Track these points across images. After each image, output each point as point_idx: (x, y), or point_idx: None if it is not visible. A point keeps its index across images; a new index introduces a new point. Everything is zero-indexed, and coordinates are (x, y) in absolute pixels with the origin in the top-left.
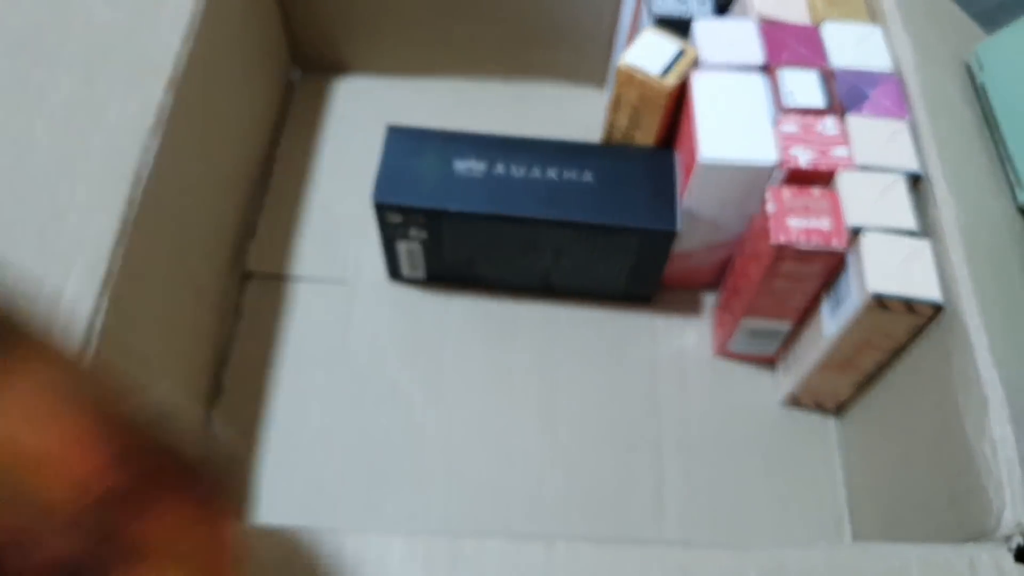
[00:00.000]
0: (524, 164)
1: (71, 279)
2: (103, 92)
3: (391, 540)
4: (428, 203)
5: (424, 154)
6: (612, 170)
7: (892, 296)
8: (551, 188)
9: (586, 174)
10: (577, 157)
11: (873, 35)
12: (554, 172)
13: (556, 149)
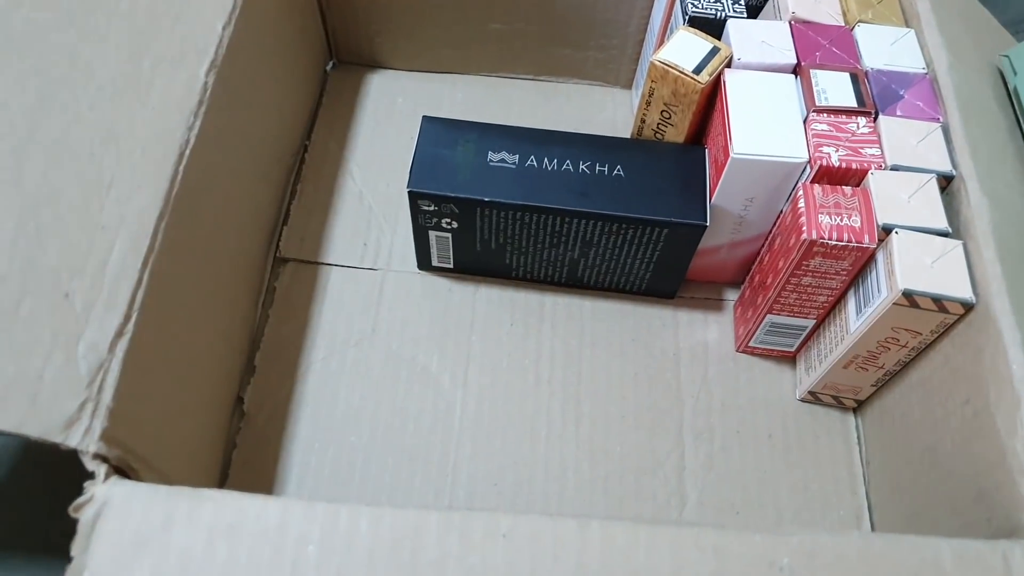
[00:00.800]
0: (556, 157)
1: (115, 252)
2: (148, 70)
3: (428, 515)
4: (461, 192)
5: (458, 145)
6: (643, 164)
7: (923, 293)
8: (583, 181)
9: (617, 168)
10: (609, 151)
11: (907, 37)
12: (586, 166)
13: (588, 143)
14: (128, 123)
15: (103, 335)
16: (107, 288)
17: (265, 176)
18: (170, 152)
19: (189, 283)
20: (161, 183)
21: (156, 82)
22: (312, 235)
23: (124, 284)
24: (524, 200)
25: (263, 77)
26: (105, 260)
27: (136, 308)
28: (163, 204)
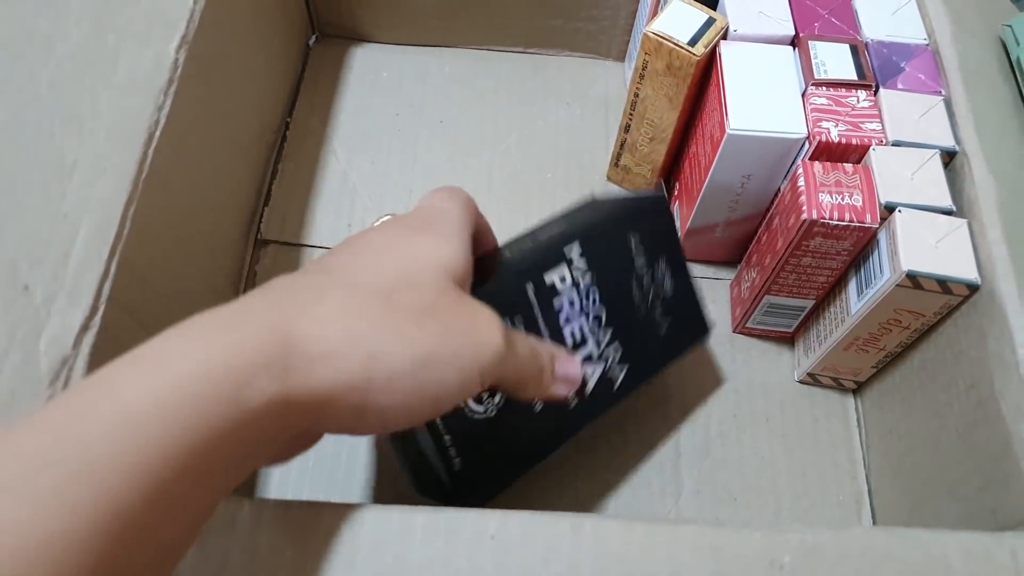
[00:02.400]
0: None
1: (78, 241)
2: (113, 46)
3: (414, 515)
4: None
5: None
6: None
7: (926, 275)
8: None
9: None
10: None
11: (908, 6)
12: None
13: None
14: (91, 103)
15: (66, 330)
16: (70, 279)
17: (244, 155)
18: (138, 134)
19: (162, 270)
20: (128, 167)
21: (122, 58)
22: (294, 216)
23: (89, 275)
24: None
25: (239, 52)
26: (68, 250)
27: (103, 300)
28: (131, 189)
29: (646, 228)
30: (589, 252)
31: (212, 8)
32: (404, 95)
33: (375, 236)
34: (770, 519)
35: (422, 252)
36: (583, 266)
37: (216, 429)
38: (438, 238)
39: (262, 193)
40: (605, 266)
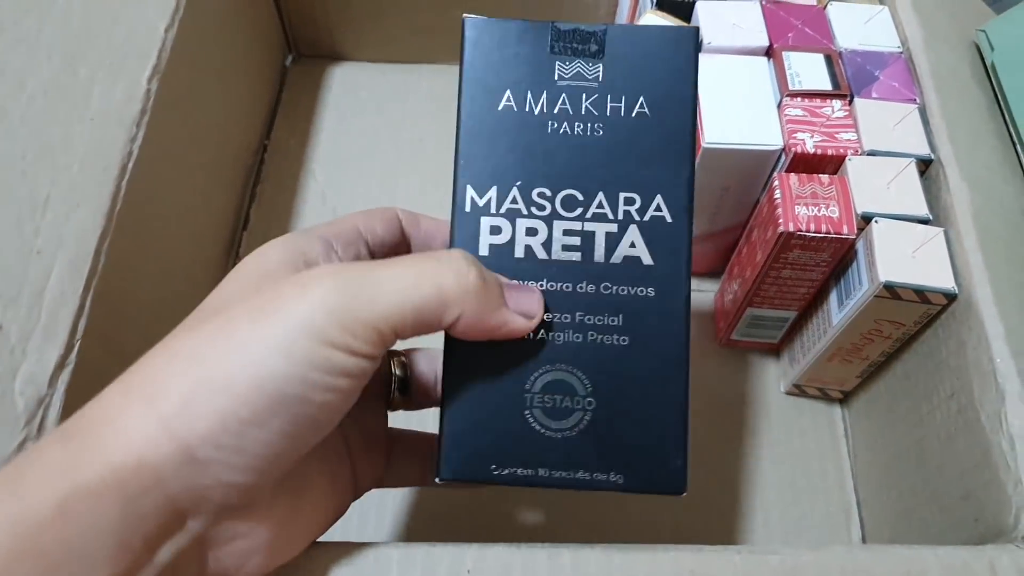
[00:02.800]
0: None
1: (52, 278)
2: (85, 79)
3: (389, 551)
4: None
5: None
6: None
7: (904, 285)
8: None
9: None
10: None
11: (880, 15)
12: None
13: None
14: (64, 136)
15: (42, 368)
16: (45, 317)
17: (221, 180)
18: (111, 166)
19: (139, 302)
20: (102, 200)
21: (94, 91)
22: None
23: (64, 311)
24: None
25: (215, 77)
26: (42, 287)
27: (79, 336)
28: (105, 223)
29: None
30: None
31: (185, 35)
32: (383, 114)
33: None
34: (759, 532)
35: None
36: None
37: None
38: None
39: (240, 217)
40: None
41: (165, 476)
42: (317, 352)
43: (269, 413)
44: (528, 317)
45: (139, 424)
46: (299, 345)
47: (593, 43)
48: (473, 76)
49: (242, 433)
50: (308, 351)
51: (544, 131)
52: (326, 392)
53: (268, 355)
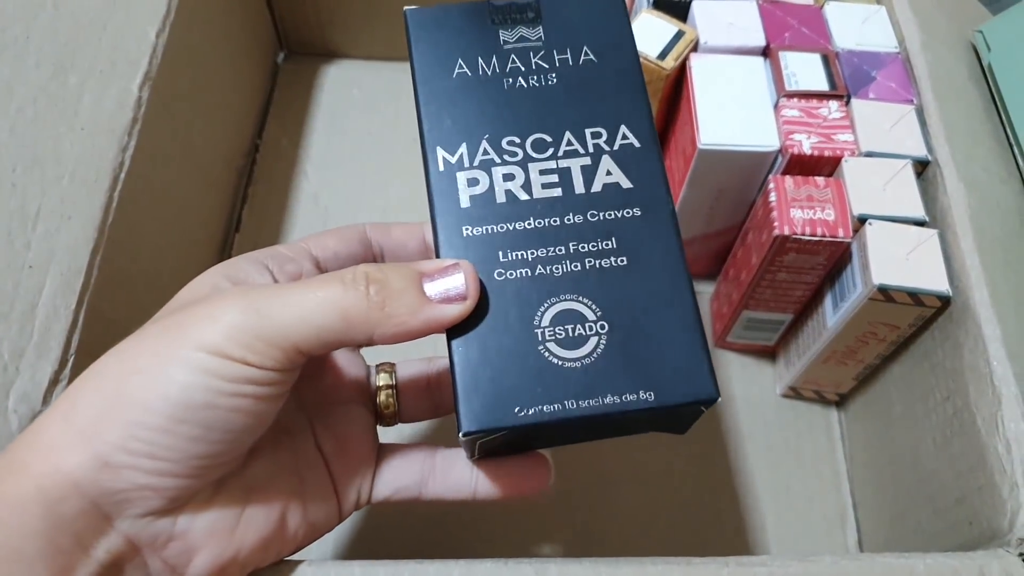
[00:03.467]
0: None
1: (45, 293)
2: (75, 87)
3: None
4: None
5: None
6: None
7: (898, 288)
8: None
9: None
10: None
11: (878, 15)
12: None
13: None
14: (54, 147)
15: (35, 385)
16: (38, 333)
17: (213, 183)
18: (103, 177)
19: (132, 312)
20: (94, 212)
21: (84, 99)
22: (265, 241)
23: (57, 327)
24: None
25: (206, 80)
26: (34, 302)
27: (72, 352)
28: (97, 236)
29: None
30: None
31: (176, 39)
32: (377, 112)
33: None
34: (755, 535)
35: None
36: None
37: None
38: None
39: (232, 219)
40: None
41: (81, 482)
42: (217, 364)
43: (175, 420)
44: (459, 300)
45: (57, 437)
46: (200, 358)
47: (529, 11)
48: (423, 54)
49: (151, 439)
50: (209, 363)
51: (501, 88)
52: (233, 398)
53: (172, 368)
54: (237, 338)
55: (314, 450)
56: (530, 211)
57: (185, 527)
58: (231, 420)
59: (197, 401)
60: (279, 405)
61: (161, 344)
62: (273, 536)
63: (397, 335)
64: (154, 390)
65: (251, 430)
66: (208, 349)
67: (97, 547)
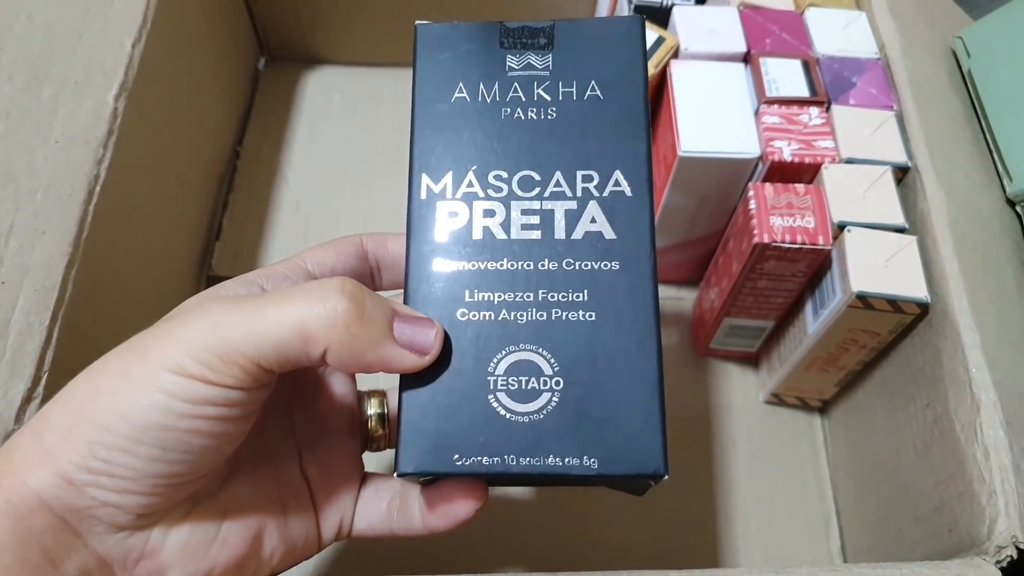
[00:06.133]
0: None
1: (18, 309)
2: (49, 99)
3: None
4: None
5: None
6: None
7: (876, 295)
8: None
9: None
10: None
11: (858, 21)
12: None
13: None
14: (27, 161)
15: (7, 403)
16: (10, 350)
17: (192, 192)
18: (77, 191)
19: (109, 326)
20: (68, 227)
21: (59, 112)
22: (246, 250)
23: (30, 343)
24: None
25: (185, 89)
26: (7, 319)
27: (46, 369)
28: (72, 250)
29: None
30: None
31: (153, 49)
32: (358, 118)
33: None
34: (738, 542)
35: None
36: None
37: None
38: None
39: (213, 228)
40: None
41: (48, 498)
42: (176, 383)
43: (133, 440)
44: (420, 353)
45: (26, 453)
46: (160, 378)
47: (542, 37)
48: (426, 74)
49: (110, 459)
50: (168, 384)
51: (498, 117)
52: (191, 420)
53: (131, 388)
54: (196, 356)
55: (298, 476)
56: (505, 252)
57: (157, 545)
58: (189, 442)
59: (155, 422)
60: (246, 425)
61: (125, 363)
62: (248, 558)
63: (349, 362)
64: (114, 411)
65: (214, 451)
66: (169, 368)
67: (67, 564)
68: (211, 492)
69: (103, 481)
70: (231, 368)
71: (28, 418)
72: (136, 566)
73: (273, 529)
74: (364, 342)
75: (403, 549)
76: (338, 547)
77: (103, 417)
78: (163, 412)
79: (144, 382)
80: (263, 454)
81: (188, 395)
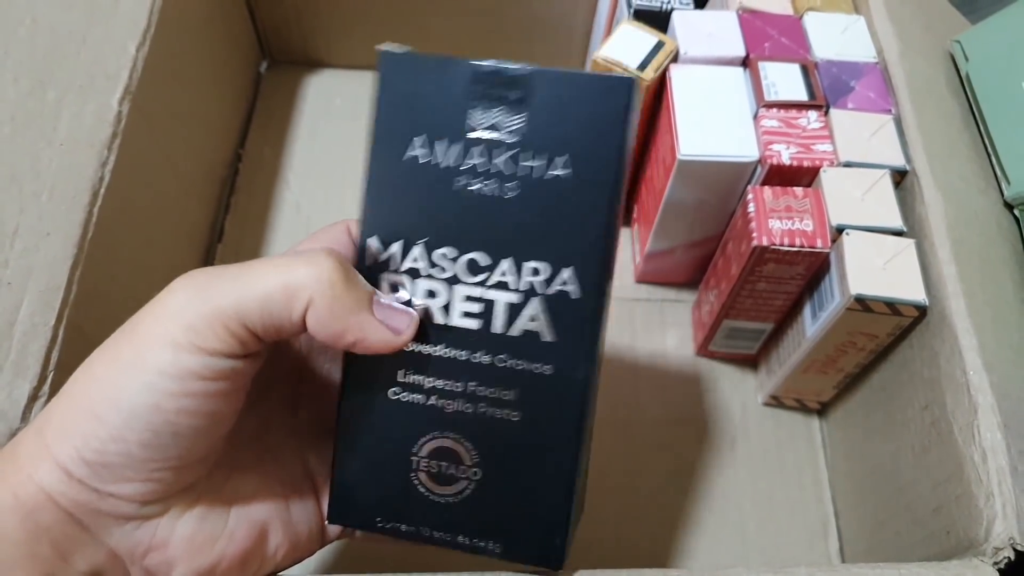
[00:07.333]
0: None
1: (23, 310)
2: (54, 102)
3: None
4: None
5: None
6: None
7: (875, 298)
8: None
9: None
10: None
11: (856, 25)
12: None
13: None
14: (32, 163)
15: (14, 403)
16: (16, 350)
17: (195, 194)
18: (81, 193)
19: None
20: (72, 228)
21: (63, 115)
22: (248, 251)
23: (36, 344)
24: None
25: (188, 92)
26: (12, 319)
27: (51, 369)
28: (76, 252)
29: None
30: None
31: (156, 52)
32: (359, 120)
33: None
34: (737, 544)
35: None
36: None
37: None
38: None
39: (215, 229)
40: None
41: (53, 493)
42: (163, 359)
43: (124, 428)
44: (395, 332)
45: (30, 448)
46: (147, 355)
47: (515, 89)
48: (384, 118)
49: (102, 449)
50: (155, 359)
51: (451, 187)
52: (180, 398)
53: (120, 372)
54: (183, 321)
55: (302, 473)
56: (441, 338)
57: (164, 537)
58: (178, 423)
59: (143, 404)
60: (235, 403)
61: (116, 347)
62: (252, 552)
63: (328, 324)
64: (105, 398)
65: (204, 432)
66: (156, 342)
67: (77, 557)
68: (216, 485)
69: (101, 473)
70: (217, 329)
71: (33, 417)
72: (145, 558)
73: (277, 525)
74: (344, 306)
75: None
76: (339, 545)
77: (96, 405)
78: (149, 391)
79: (132, 363)
80: (267, 451)
81: (175, 370)
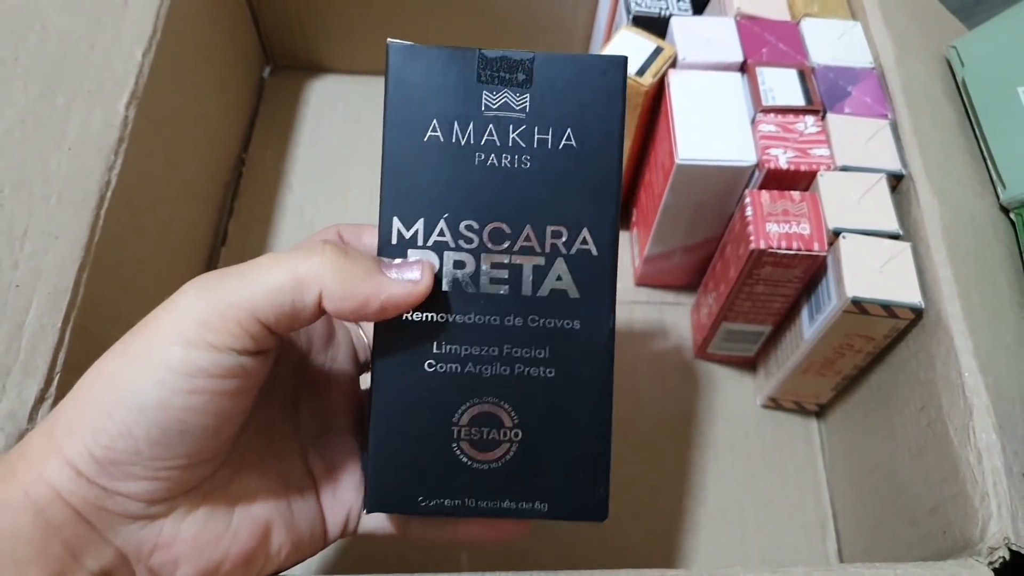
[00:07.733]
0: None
1: (32, 312)
2: (62, 107)
3: None
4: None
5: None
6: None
7: (871, 300)
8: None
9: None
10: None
11: (853, 31)
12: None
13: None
14: (41, 167)
15: (22, 403)
16: (24, 351)
17: (199, 198)
18: (89, 196)
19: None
20: (80, 231)
21: (71, 119)
22: (251, 254)
23: (43, 345)
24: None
25: (193, 97)
26: (21, 321)
27: (58, 370)
28: (83, 254)
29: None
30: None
31: (162, 58)
32: (361, 125)
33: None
34: (736, 545)
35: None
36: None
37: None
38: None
39: (219, 233)
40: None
41: (62, 491)
42: (173, 355)
43: (132, 424)
44: (412, 282)
45: (40, 449)
46: (157, 351)
47: (520, 72)
48: (398, 106)
49: (111, 447)
50: (165, 355)
51: (471, 163)
52: (189, 395)
53: (131, 368)
54: (194, 318)
55: (304, 474)
56: (473, 305)
57: (170, 536)
58: (187, 420)
59: (152, 401)
60: (243, 403)
61: (126, 344)
62: (256, 552)
63: (345, 299)
64: (115, 394)
65: (213, 431)
66: (167, 339)
67: (87, 557)
68: (221, 485)
69: (109, 470)
70: (228, 325)
71: (41, 418)
72: (150, 557)
73: (280, 524)
74: (356, 276)
75: (405, 548)
76: (340, 545)
77: (105, 401)
78: (159, 387)
79: (142, 360)
80: (269, 450)
81: (185, 367)
